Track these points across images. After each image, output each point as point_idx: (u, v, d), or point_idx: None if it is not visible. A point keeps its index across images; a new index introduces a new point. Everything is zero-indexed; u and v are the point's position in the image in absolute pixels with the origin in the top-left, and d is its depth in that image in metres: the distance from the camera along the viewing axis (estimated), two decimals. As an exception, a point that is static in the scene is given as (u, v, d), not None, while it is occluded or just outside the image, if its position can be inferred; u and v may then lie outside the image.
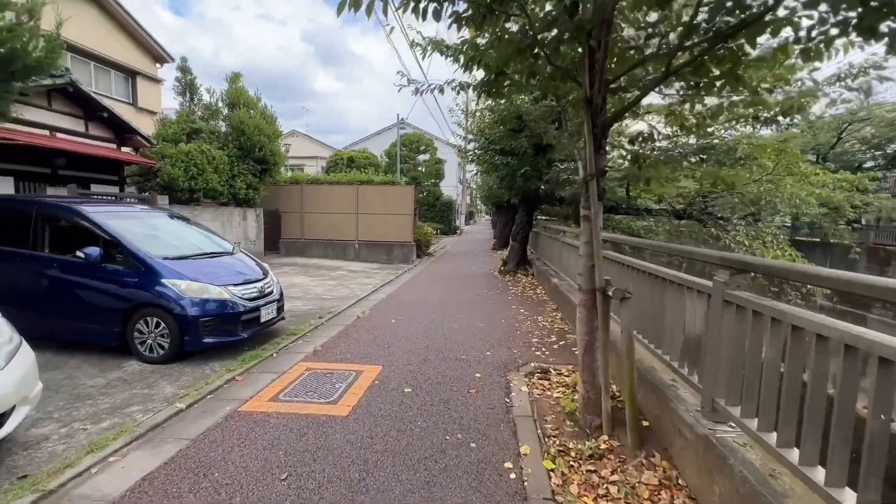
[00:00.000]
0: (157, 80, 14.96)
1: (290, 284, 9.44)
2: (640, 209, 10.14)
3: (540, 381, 4.34)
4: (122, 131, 9.95)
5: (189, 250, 5.42)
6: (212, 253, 5.63)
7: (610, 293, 3.08)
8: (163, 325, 4.67)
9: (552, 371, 4.59)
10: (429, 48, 3.83)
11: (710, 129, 7.77)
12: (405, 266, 13.45)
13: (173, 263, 4.92)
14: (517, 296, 8.85)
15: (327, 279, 10.42)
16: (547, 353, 5.25)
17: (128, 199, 8.76)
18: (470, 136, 11.21)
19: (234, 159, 12.04)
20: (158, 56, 14.87)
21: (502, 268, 11.92)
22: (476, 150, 11.11)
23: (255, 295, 5.26)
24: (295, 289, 9.04)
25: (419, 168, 23.77)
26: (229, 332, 4.93)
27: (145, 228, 5.40)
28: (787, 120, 6.40)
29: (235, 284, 5.14)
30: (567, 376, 4.41)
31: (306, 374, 4.48)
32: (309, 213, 15.09)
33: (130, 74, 13.94)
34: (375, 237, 14.75)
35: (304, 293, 8.64)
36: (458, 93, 10.05)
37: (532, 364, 4.80)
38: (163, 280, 4.70)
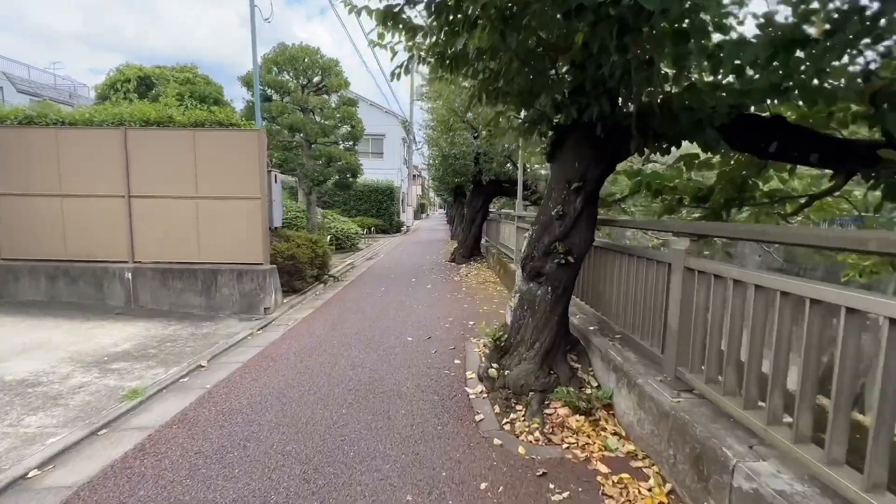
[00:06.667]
0: None
1: None
2: None
3: None
4: None
5: None
6: None
7: None
8: None
9: None
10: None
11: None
12: (240, 331, 5.00)
13: None
14: None
15: None
16: None
17: None
18: None
19: None
20: None
21: (494, 365, 3.71)
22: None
23: None
24: None
25: (312, 114, 11.21)
26: None
27: None
28: None
29: None
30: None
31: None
32: (12, 198, 6.22)
33: None
34: (177, 255, 6.15)
35: None
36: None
37: None
38: None
